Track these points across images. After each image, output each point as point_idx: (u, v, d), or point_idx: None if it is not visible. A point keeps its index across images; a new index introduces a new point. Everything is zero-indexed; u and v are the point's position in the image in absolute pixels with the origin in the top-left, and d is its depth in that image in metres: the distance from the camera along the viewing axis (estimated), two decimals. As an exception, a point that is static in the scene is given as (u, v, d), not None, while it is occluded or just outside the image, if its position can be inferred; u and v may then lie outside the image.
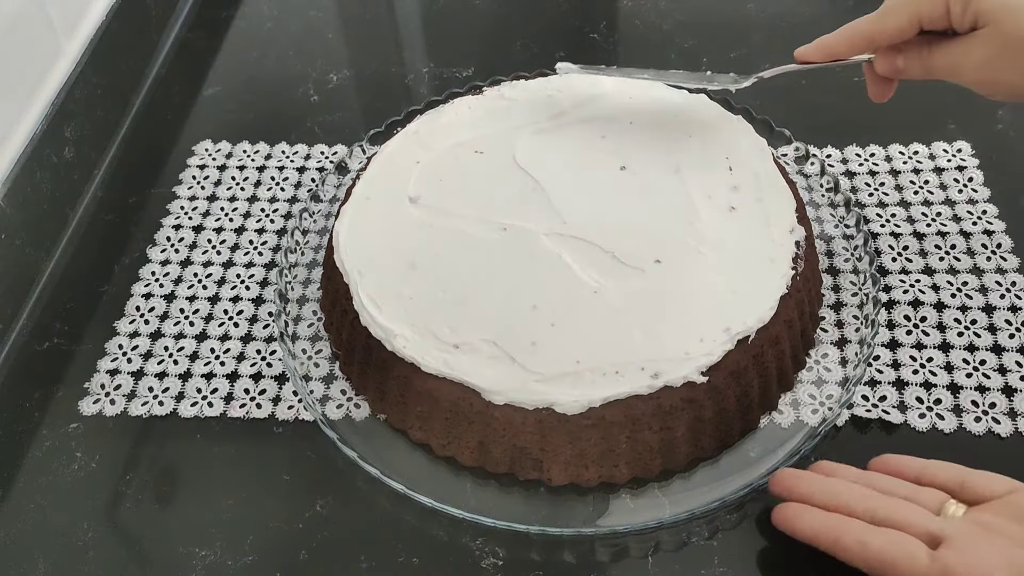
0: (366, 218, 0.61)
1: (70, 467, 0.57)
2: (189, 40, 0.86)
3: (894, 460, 0.50)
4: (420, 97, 0.78)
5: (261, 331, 0.63)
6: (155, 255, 0.68)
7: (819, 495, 0.48)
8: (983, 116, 0.72)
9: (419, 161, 0.64)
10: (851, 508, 0.47)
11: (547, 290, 0.55)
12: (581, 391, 0.51)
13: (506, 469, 0.54)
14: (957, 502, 0.47)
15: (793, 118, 0.69)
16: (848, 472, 0.50)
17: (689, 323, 0.53)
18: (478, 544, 0.52)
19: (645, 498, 0.53)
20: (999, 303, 0.60)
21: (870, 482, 0.49)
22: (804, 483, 0.49)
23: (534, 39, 0.83)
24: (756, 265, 0.56)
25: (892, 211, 0.66)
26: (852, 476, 0.50)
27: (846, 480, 0.49)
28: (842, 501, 0.48)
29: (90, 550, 0.53)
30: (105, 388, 0.60)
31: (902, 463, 0.50)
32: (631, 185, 0.61)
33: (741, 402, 0.54)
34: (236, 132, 0.77)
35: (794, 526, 0.48)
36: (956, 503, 0.47)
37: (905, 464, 0.50)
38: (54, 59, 0.72)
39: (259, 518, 0.54)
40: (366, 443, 0.56)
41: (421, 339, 0.54)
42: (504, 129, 0.65)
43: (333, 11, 0.89)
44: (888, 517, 0.46)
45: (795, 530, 0.48)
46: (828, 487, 0.49)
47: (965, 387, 0.56)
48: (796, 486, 0.49)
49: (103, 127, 0.76)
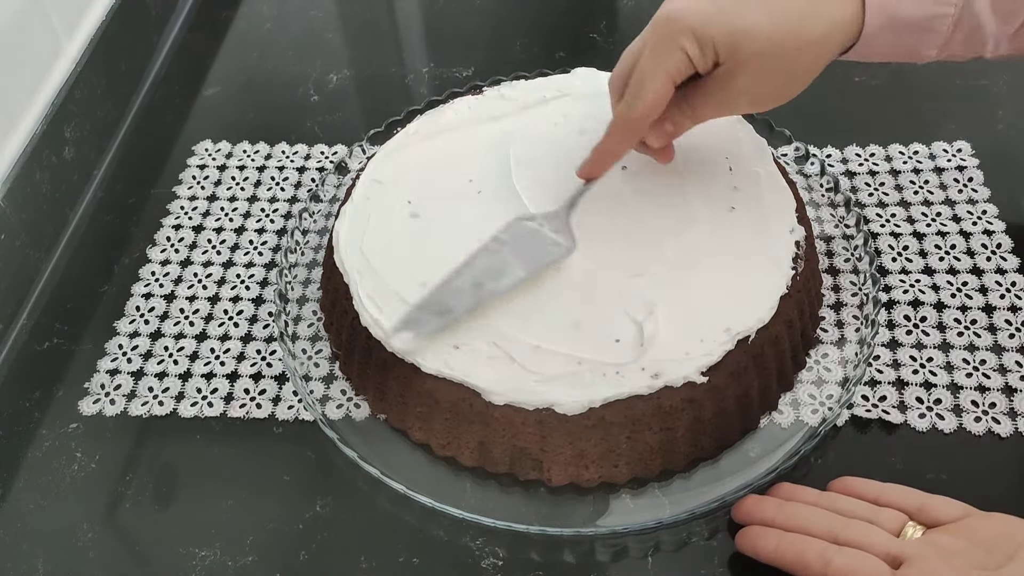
0: (366, 218, 0.61)
1: (70, 467, 0.57)
2: (189, 40, 0.86)
3: (853, 482, 0.51)
4: (420, 97, 0.78)
5: (261, 331, 0.63)
6: (155, 255, 0.68)
7: (781, 519, 0.49)
8: (983, 116, 0.72)
9: (419, 161, 0.64)
10: (813, 530, 0.48)
11: (547, 290, 0.55)
12: (581, 391, 0.51)
13: (506, 469, 0.54)
14: (915, 524, 0.47)
15: (793, 118, 0.69)
16: (808, 495, 0.50)
17: (689, 323, 0.53)
18: (478, 544, 0.52)
19: (645, 498, 0.53)
20: (999, 303, 0.60)
21: (831, 503, 0.49)
22: (766, 508, 0.50)
23: (534, 39, 0.83)
24: (756, 265, 0.56)
25: (892, 211, 0.66)
26: (812, 498, 0.50)
27: (807, 502, 0.50)
28: (802, 524, 0.48)
29: (90, 550, 0.53)
30: (105, 388, 0.60)
31: (861, 486, 0.50)
32: (632, 185, 0.61)
33: (741, 402, 0.54)
34: (236, 132, 0.77)
35: (756, 546, 0.49)
36: (915, 525, 0.47)
37: (864, 487, 0.50)
38: (54, 59, 0.72)
39: (259, 518, 0.54)
40: (366, 443, 0.56)
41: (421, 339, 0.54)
42: (504, 129, 0.65)
43: (333, 11, 0.89)
44: (849, 538, 0.46)
45: (757, 550, 0.49)
46: (789, 511, 0.49)
47: (965, 387, 0.56)
48: (759, 511, 0.50)
49: (103, 127, 0.76)
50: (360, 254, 0.58)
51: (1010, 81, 0.74)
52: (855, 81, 0.76)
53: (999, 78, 0.75)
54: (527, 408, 0.51)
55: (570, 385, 0.51)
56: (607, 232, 0.58)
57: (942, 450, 0.54)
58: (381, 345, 0.54)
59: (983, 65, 0.76)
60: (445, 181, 0.62)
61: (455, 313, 0.53)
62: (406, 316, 0.54)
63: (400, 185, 0.62)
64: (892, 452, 0.54)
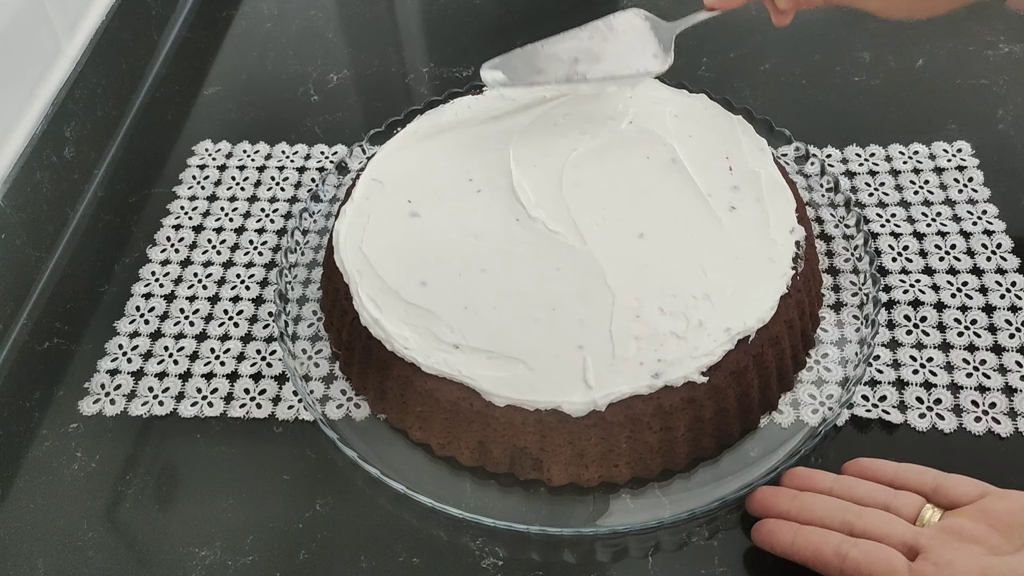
0: (366, 218, 0.61)
1: (70, 467, 0.57)
2: (189, 40, 0.86)
3: (868, 464, 0.51)
4: (420, 97, 0.78)
5: (261, 331, 0.63)
6: (155, 255, 0.68)
7: (796, 511, 0.49)
8: (983, 116, 0.72)
9: (419, 161, 0.64)
10: (828, 522, 0.47)
11: (547, 291, 0.55)
12: (583, 392, 0.51)
13: (506, 469, 0.54)
14: (933, 507, 0.47)
15: (793, 118, 0.69)
16: (823, 479, 0.50)
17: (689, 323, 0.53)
18: (478, 544, 0.52)
19: (645, 498, 0.53)
20: (999, 303, 0.60)
21: (846, 488, 0.49)
22: (781, 500, 0.50)
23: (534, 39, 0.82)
24: (756, 265, 0.56)
25: (892, 211, 0.66)
26: (827, 482, 0.50)
27: (821, 487, 0.49)
28: (818, 515, 0.48)
29: (90, 550, 0.53)
30: (105, 388, 0.60)
31: (876, 467, 0.50)
32: (631, 185, 0.61)
33: (741, 402, 0.54)
34: (236, 132, 0.77)
35: (773, 541, 0.48)
36: (932, 508, 0.47)
37: (879, 468, 0.50)
38: (54, 58, 0.72)
39: (259, 518, 0.54)
40: (366, 443, 0.56)
41: (421, 339, 0.54)
42: (504, 129, 0.65)
43: (333, 11, 0.89)
44: (865, 529, 0.46)
45: (774, 545, 0.48)
46: (804, 503, 0.49)
47: (965, 387, 0.56)
48: (773, 504, 0.50)
49: (103, 127, 0.76)
50: (360, 254, 0.58)
51: (1010, 81, 0.74)
52: (855, 81, 0.76)
53: (999, 78, 0.75)
54: (527, 408, 0.51)
55: (572, 386, 0.51)
56: (608, 231, 0.58)
57: (942, 450, 0.54)
58: (381, 345, 0.54)
59: (983, 65, 0.76)
60: (445, 181, 0.62)
61: (546, 78, 0.53)
62: (505, 57, 0.53)
63: (400, 185, 0.62)
64: (892, 452, 0.54)
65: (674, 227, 0.58)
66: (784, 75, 0.76)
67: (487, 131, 0.65)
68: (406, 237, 0.59)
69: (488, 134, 0.65)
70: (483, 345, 0.53)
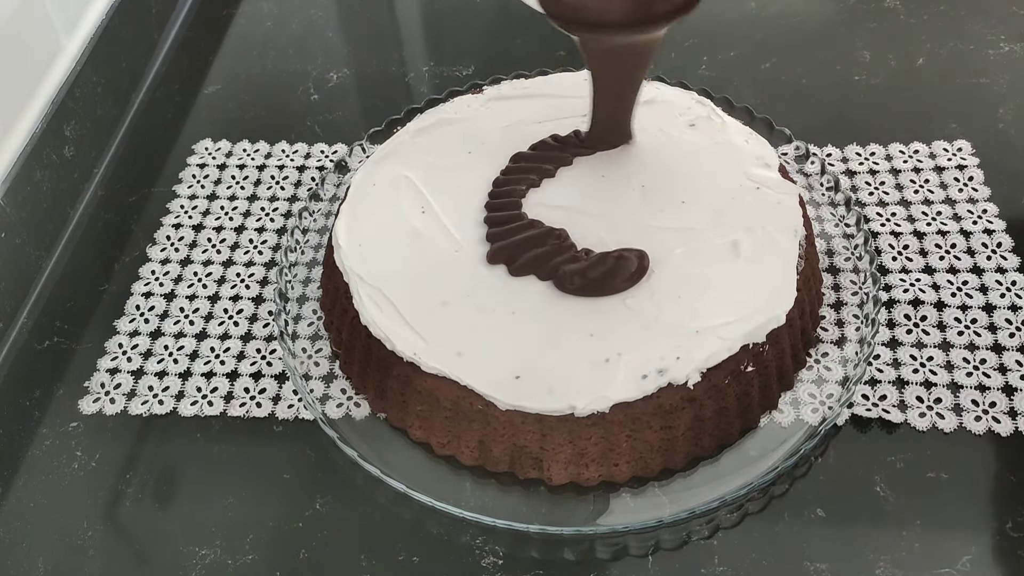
0: (366, 217, 0.61)
1: (70, 466, 0.57)
2: (189, 38, 0.86)
3: None
4: (420, 96, 0.77)
5: (261, 330, 0.63)
6: (155, 254, 0.68)
7: None
8: (983, 116, 0.72)
9: (418, 159, 0.64)
10: None
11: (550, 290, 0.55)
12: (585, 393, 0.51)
13: (506, 468, 0.54)
14: None
15: (793, 117, 0.69)
16: None
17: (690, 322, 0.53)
18: (478, 543, 0.52)
19: (645, 497, 0.53)
20: (999, 302, 0.60)
21: None
22: None
23: (534, 38, 0.83)
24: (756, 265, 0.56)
25: (892, 210, 0.66)
26: None
27: None
28: None
29: (90, 549, 0.53)
30: (105, 387, 0.60)
31: None
32: (631, 186, 0.61)
33: (741, 401, 0.54)
34: (236, 131, 0.77)
35: None
36: None
37: None
38: (54, 57, 0.72)
39: (259, 517, 0.54)
40: (366, 442, 0.56)
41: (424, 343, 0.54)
42: (504, 128, 0.65)
43: (333, 10, 0.89)
44: None
45: None
46: None
47: (965, 386, 0.56)
48: None
49: (103, 125, 0.76)
50: (360, 254, 0.58)
51: (1010, 80, 0.74)
52: (855, 80, 0.76)
53: (999, 77, 0.75)
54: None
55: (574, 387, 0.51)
56: (609, 232, 0.58)
57: (942, 449, 0.54)
58: (381, 344, 0.54)
59: (983, 64, 0.76)
60: (444, 179, 0.62)
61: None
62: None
63: (400, 183, 0.62)
64: (892, 451, 0.54)
65: (674, 228, 0.58)
66: (784, 74, 0.76)
67: (487, 130, 0.65)
68: (406, 237, 0.59)
69: (488, 133, 0.65)
70: (485, 354, 0.53)
